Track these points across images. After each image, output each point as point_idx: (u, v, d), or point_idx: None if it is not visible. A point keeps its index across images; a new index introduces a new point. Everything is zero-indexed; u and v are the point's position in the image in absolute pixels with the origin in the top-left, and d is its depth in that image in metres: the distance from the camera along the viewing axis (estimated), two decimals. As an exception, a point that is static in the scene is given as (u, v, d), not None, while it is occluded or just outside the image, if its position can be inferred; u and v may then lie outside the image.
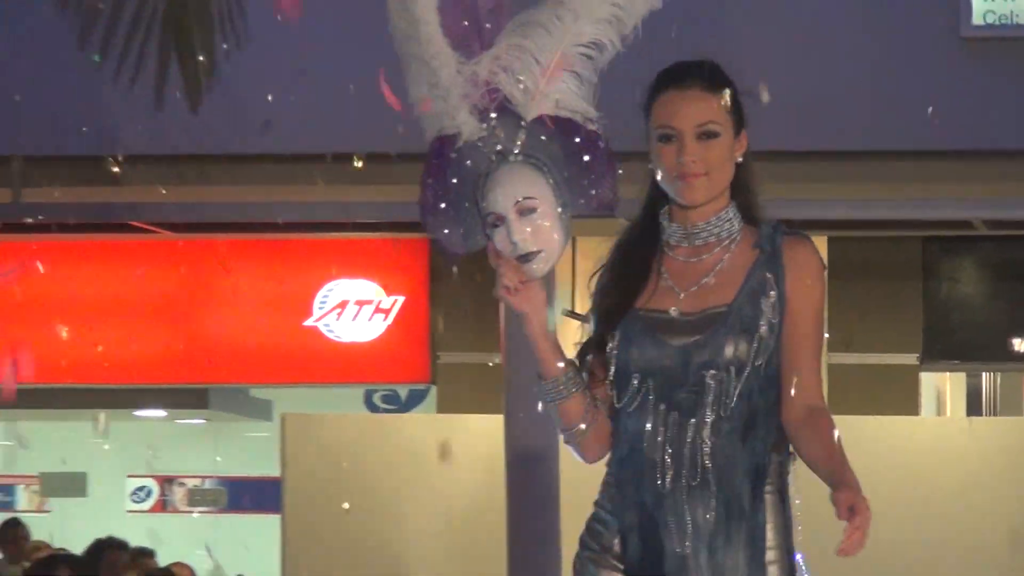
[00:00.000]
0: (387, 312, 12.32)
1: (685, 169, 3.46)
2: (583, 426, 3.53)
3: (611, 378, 3.54)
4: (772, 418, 3.50)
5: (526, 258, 3.48)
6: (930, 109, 10.29)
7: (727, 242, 3.55)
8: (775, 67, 9.29)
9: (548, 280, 3.64)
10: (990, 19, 10.89)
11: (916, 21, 10.83)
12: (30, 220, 11.49)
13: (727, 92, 3.52)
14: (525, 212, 3.49)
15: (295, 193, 11.13)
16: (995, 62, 10.77)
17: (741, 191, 3.56)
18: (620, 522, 3.52)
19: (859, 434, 10.26)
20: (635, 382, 3.51)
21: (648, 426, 3.50)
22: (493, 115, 3.55)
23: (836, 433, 3.49)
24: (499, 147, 3.55)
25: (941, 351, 12.45)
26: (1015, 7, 10.85)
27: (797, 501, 3.59)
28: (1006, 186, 10.95)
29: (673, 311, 3.52)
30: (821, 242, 11.55)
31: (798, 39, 10.75)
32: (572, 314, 3.68)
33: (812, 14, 11.00)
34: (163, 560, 11.97)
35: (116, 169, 11.04)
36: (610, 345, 3.54)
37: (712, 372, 3.48)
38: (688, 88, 3.49)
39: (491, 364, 8.03)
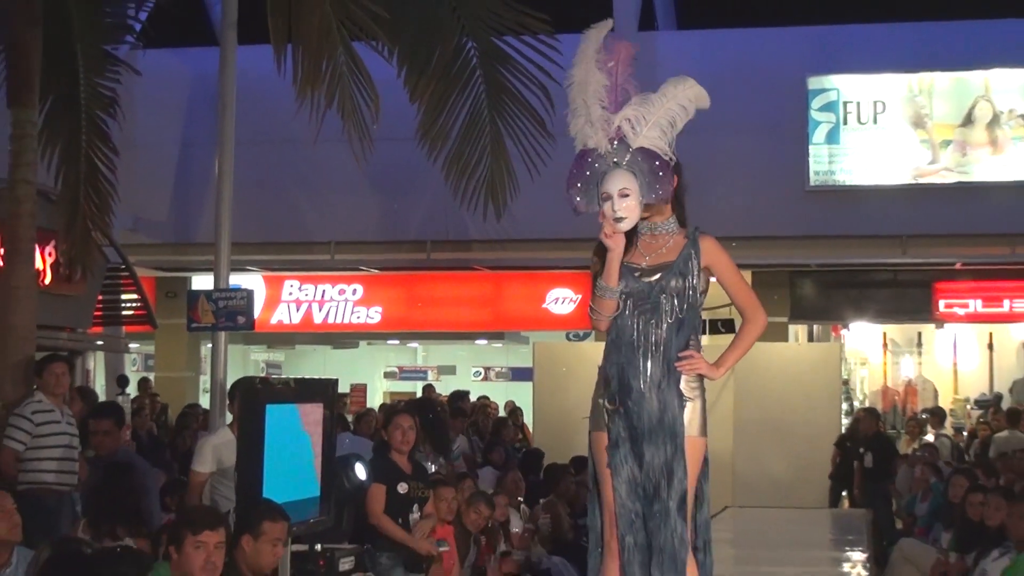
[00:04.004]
0: (576, 302, 17.88)
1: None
2: (611, 315, 4.59)
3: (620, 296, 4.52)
4: (691, 322, 4.69)
5: (619, 220, 4.48)
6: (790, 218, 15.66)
7: (671, 234, 4.74)
8: (713, 191, 14.47)
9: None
10: (819, 181, 15.85)
11: (781, 179, 15.64)
12: (432, 266, 17.15)
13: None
14: (623, 195, 4.48)
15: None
16: (822, 200, 15.71)
17: (678, 208, 4.74)
18: (610, 371, 4.60)
19: (764, 350, 15.18)
20: (625, 298, 4.59)
21: (629, 323, 4.60)
22: (615, 142, 4.61)
23: (753, 332, 4.74)
24: (615, 159, 4.58)
25: (798, 315, 18.38)
26: (831, 177, 15.41)
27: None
28: (823, 250, 16.36)
29: (644, 264, 4.69)
30: (747, 273, 15.89)
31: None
32: None
33: (723, 172, 15.08)
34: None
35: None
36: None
37: (664, 296, 4.63)
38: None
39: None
